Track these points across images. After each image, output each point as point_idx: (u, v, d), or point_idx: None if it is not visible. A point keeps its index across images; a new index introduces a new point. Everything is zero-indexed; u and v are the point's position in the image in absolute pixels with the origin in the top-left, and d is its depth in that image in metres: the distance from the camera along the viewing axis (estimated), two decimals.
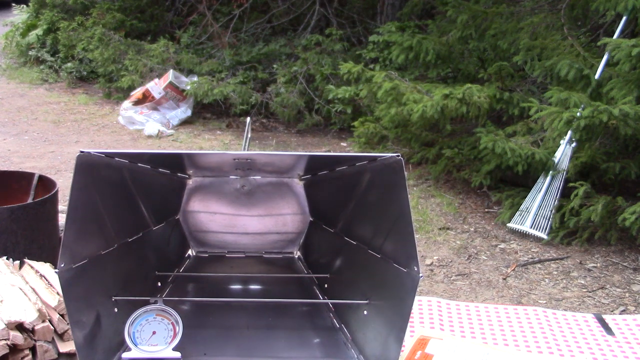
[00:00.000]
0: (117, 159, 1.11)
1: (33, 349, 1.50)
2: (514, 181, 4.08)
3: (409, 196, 0.99)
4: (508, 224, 3.68)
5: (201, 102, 6.06)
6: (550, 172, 3.64)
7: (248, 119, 1.65)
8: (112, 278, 1.21)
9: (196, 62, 6.38)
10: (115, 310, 1.18)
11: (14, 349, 1.46)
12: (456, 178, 4.37)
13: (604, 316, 1.47)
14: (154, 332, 1.13)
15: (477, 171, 4.06)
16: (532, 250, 3.44)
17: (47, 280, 1.70)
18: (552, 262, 3.30)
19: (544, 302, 2.80)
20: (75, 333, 1.02)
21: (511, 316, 1.51)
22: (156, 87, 6.01)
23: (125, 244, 1.27)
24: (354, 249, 1.34)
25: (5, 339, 1.43)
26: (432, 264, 3.22)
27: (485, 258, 3.33)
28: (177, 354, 1.11)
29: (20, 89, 7.07)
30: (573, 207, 3.44)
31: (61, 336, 1.54)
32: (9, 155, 4.78)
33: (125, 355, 1.11)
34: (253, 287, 1.59)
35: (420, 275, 0.99)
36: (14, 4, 9.50)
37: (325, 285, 1.49)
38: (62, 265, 0.98)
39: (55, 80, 7.44)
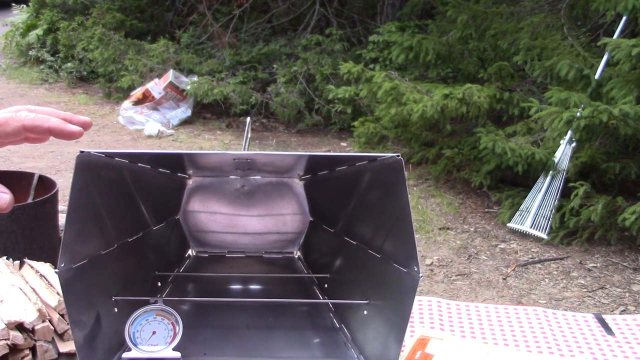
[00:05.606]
0: (117, 159, 1.11)
1: (33, 349, 1.50)
2: (514, 181, 4.08)
3: (409, 196, 0.98)
4: (508, 224, 3.68)
5: (201, 102, 6.06)
6: (550, 172, 3.64)
7: (248, 119, 1.65)
8: (112, 278, 1.21)
9: (196, 62, 6.38)
10: (115, 310, 1.17)
11: (14, 349, 1.46)
12: (456, 178, 4.37)
13: (604, 316, 1.47)
14: (154, 332, 1.13)
15: (477, 171, 4.06)
16: (532, 250, 3.43)
17: (47, 280, 1.70)
18: (552, 262, 3.29)
19: (544, 302, 2.80)
20: (75, 333, 1.02)
21: (511, 316, 1.50)
22: (156, 87, 6.01)
23: (125, 244, 1.27)
24: (354, 249, 1.34)
25: (5, 339, 1.43)
26: (432, 264, 3.22)
27: (485, 258, 3.33)
28: (177, 354, 1.11)
29: (20, 89, 7.07)
30: (573, 207, 3.44)
31: (61, 336, 1.54)
32: (9, 155, 4.78)
33: (125, 355, 1.11)
34: (253, 287, 1.58)
35: (421, 275, 0.98)
36: (14, 4, 9.49)
37: (325, 285, 1.49)
38: (62, 265, 0.98)
39: (55, 80, 7.44)
